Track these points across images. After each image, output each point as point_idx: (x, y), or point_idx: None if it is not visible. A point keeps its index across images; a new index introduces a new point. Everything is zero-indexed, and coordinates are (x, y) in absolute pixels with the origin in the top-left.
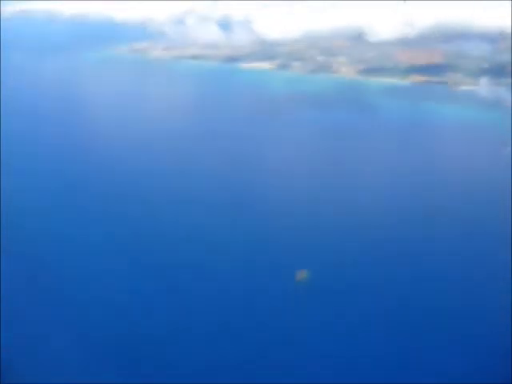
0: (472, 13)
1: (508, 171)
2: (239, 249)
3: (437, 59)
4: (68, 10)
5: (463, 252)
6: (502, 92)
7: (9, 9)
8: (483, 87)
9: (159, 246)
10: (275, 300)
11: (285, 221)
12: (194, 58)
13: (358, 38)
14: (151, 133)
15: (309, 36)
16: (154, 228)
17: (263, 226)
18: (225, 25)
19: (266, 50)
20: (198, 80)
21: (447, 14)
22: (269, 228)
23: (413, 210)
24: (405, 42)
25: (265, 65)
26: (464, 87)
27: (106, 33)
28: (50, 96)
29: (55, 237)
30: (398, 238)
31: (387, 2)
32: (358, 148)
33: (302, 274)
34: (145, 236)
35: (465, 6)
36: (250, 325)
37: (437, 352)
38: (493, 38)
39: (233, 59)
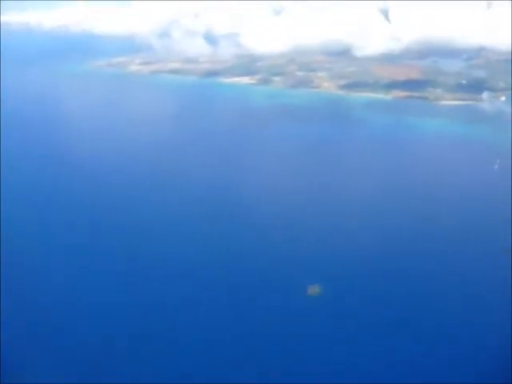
0: (446, 30)
1: (494, 184)
2: (226, 261)
3: (415, 75)
4: (48, 22)
5: (455, 261)
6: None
7: None
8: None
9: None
10: (272, 303)
11: (269, 231)
12: (173, 72)
13: (336, 53)
14: (130, 146)
15: (288, 51)
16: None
17: (253, 239)
18: (206, 39)
19: (245, 65)
20: (178, 94)
21: (423, 31)
22: (258, 240)
23: (397, 221)
24: (382, 58)
25: (245, 79)
26: (445, 102)
27: (85, 46)
28: (23, 108)
29: (52, 238)
30: (387, 249)
31: (366, 19)
32: (343, 161)
33: (313, 289)
34: (141, 239)
35: (440, 24)
36: (249, 327)
37: (437, 352)
38: (467, 55)
39: (212, 74)
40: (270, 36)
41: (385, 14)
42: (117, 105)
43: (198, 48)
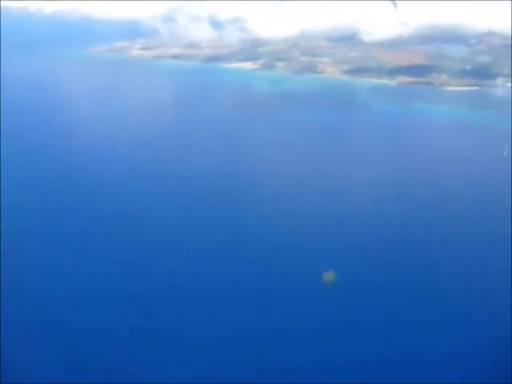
0: (449, 16)
1: (504, 171)
2: (226, 251)
3: (419, 60)
4: (48, 7)
5: (460, 253)
6: None
7: None
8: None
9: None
10: (274, 297)
11: (274, 221)
12: (175, 57)
13: (339, 39)
14: (133, 131)
15: (290, 36)
16: (144, 229)
17: (254, 227)
18: (209, 24)
19: (248, 50)
20: (181, 79)
21: (427, 16)
22: (259, 229)
23: (406, 210)
24: (385, 44)
25: (248, 65)
26: (450, 88)
27: (85, 31)
28: (23, 93)
29: (51, 236)
30: (389, 239)
31: (369, 4)
32: (350, 146)
33: (328, 276)
34: (142, 235)
35: (443, 9)
36: (249, 326)
37: (437, 352)
38: (470, 41)
39: (214, 59)
40: (272, 21)
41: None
42: (120, 90)
43: (200, 33)
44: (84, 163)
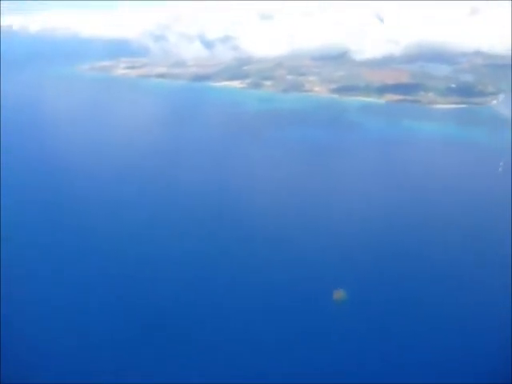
0: (432, 36)
1: (499, 187)
2: (218, 271)
3: (405, 79)
4: (34, 25)
5: (453, 263)
6: None
7: None
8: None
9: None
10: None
11: (266, 238)
12: (160, 76)
13: (323, 58)
14: (121, 151)
15: (275, 56)
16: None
17: (245, 244)
18: (195, 43)
19: (233, 69)
20: (170, 98)
21: (410, 35)
22: (249, 246)
23: (396, 224)
24: (370, 63)
25: (236, 83)
26: (438, 105)
27: (70, 49)
28: (6, 112)
29: (50, 239)
30: (380, 253)
31: (353, 24)
32: (342, 164)
33: (339, 294)
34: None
35: (426, 30)
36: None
37: (437, 352)
38: (453, 60)
39: (201, 78)
40: (257, 40)
41: (376, 17)
42: (107, 109)
43: (189, 51)
44: (73, 180)
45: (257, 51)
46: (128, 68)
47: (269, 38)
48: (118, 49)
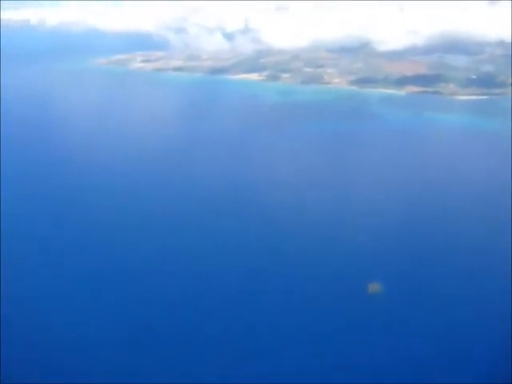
0: (449, 26)
1: None
2: (231, 264)
3: (423, 70)
4: (51, 19)
5: (464, 257)
6: None
7: None
8: None
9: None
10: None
11: (285, 233)
12: (177, 69)
13: (339, 50)
14: (141, 145)
15: (290, 48)
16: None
17: (263, 239)
18: (211, 36)
19: (249, 62)
20: (189, 91)
21: (428, 27)
22: (268, 242)
23: (417, 219)
24: (387, 54)
25: (253, 76)
26: (460, 97)
27: (87, 43)
28: (24, 106)
29: (50, 238)
30: (399, 246)
31: (369, 17)
32: (367, 156)
33: (374, 287)
34: (146, 239)
35: (443, 20)
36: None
37: (437, 352)
38: (471, 50)
39: (217, 71)
40: (273, 33)
41: (394, 10)
42: (127, 103)
43: (203, 44)
44: (92, 175)
45: (273, 43)
46: (144, 61)
47: (284, 30)
48: (135, 42)
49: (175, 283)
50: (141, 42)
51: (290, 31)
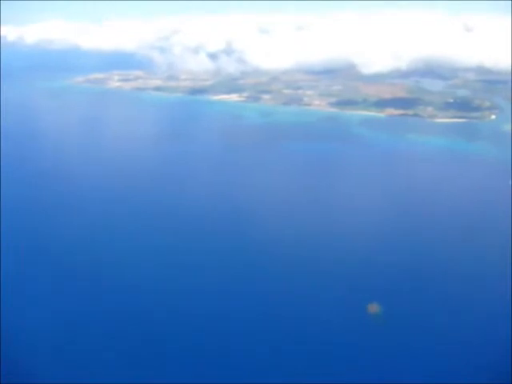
0: (425, 52)
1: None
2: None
3: (401, 93)
4: (31, 35)
5: (454, 268)
6: None
7: None
8: None
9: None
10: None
11: (271, 254)
12: (156, 89)
13: (317, 72)
14: (126, 164)
15: (269, 69)
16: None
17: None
18: (191, 56)
19: (228, 83)
20: (170, 111)
21: (405, 51)
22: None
23: (403, 236)
24: (364, 77)
25: (233, 97)
26: (439, 120)
27: (66, 61)
28: None
29: (50, 238)
30: (384, 266)
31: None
32: (350, 178)
33: (373, 308)
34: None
35: (420, 46)
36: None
37: (437, 352)
38: (445, 75)
39: (197, 91)
40: (254, 54)
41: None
42: (107, 122)
43: (182, 65)
44: (71, 195)
45: (253, 64)
46: (122, 81)
47: (265, 52)
48: (112, 61)
49: (175, 284)
50: (118, 61)
51: (271, 53)
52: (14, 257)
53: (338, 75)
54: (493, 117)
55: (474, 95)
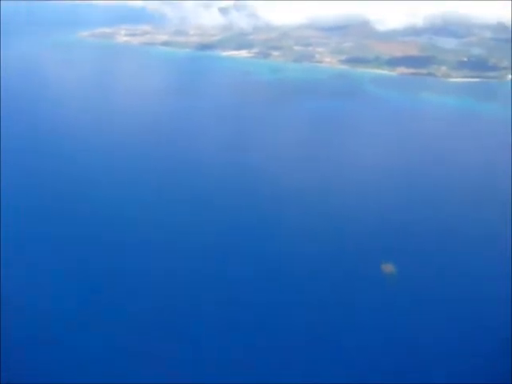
0: (438, 7)
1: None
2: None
3: (414, 52)
4: None
5: (463, 253)
6: None
7: None
8: None
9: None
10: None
11: (283, 212)
12: (164, 44)
13: (328, 29)
14: (134, 124)
15: (280, 25)
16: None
17: (262, 220)
18: (197, 10)
19: (237, 39)
20: (180, 66)
21: (417, 7)
22: (268, 223)
23: (412, 203)
24: (376, 35)
25: (242, 53)
26: (453, 79)
27: (72, 16)
28: (7, 83)
29: (51, 238)
30: (392, 232)
31: None
32: (368, 136)
33: (388, 267)
34: (143, 230)
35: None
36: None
37: (437, 352)
38: (460, 33)
39: (205, 47)
40: (265, 9)
41: None
42: (118, 78)
43: (189, 19)
44: (76, 158)
45: (263, 20)
46: (129, 35)
47: (275, 8)
48: (118, 16)
49: (175, 282)
50: (126, 16)
51: (281, 8)
52: (14, 256)
53: (349, 32)
54: (510, 76)
55: (490, 54)
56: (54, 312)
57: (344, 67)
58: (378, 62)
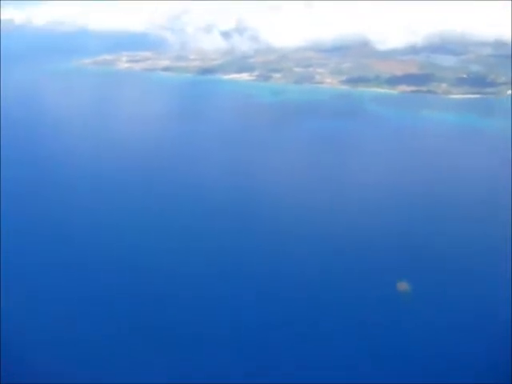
0: (435, 26)
1: None
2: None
3: (413, 70)
4: (38, 18)
5: (463, 255)
6: None
7: None
8: None
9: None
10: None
11: (284, 231)
12: (165, 70)
13: (325, 50)
14: (138, 148)
15: (278, 48)
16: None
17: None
18: (199, 35)
19: (237, 62)
20: (183, 91)
21: (415, 26)
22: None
23: (414, 217)
24: (375, 54)
25: (244, 76)
26: (454, 96)
27: (74, 43)
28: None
29: (51, 237)
30: (395, 244)
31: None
32: (370, 155)
33: (403, 286)
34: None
35: (430, 20)
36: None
37: (437, 352)
38: (457, 50)
39: (207, 71)
40: (265, 32)
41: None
42: (120, 104)
43: (191, 44)
44: (79, 186)
45: (264, 43)
46: (131, 62)
47: (275, 30)
48: (119, 43)
49: (176, 283)
50: (127, 43)
51: (281, 30)
52: (14, 256)
53: (349, 52)
54: (509, 92)
55: (489, 70)
56: (53, 312)
57: (345, 87)
58: (378, 81)
